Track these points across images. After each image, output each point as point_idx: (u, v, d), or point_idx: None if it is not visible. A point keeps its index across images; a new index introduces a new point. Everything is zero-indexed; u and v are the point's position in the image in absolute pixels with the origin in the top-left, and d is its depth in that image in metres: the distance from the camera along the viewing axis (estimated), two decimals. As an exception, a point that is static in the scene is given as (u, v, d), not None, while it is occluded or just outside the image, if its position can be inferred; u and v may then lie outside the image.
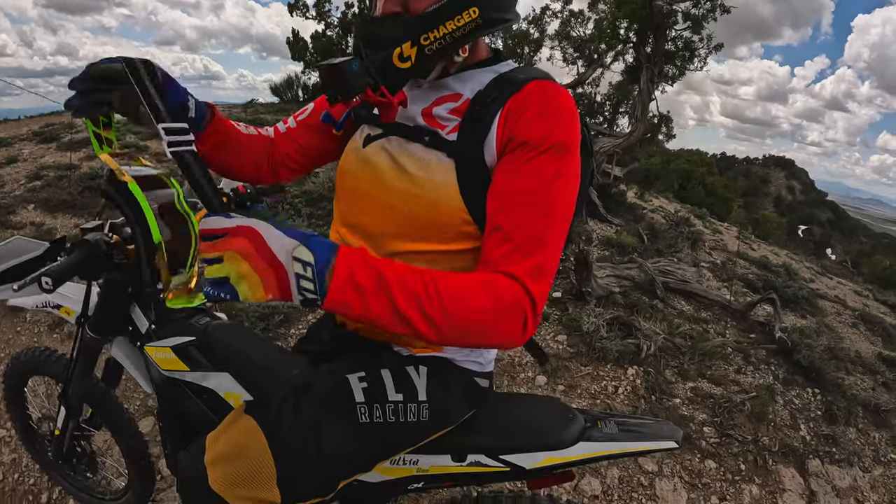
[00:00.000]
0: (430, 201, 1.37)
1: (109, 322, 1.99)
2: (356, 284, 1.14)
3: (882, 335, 6.49)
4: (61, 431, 2.45)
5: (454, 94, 1.44)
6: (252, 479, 1.49)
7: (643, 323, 4.73)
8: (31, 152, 10.22)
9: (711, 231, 9.66)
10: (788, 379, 4.65)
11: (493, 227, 1.31)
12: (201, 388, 1.87)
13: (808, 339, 5.02)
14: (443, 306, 1.18)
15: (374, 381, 1.52)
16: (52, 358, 2.53)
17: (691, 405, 4.03)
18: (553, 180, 1.30)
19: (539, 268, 1.27)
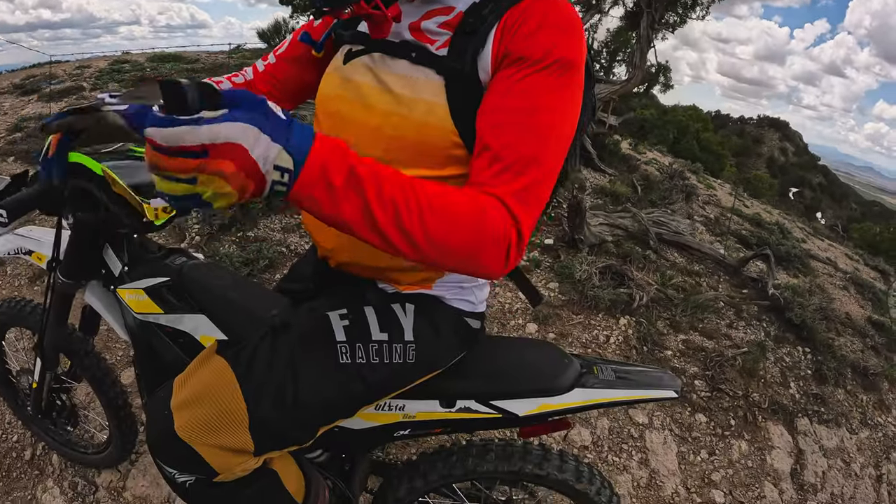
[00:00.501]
0: (416, 122, 1.24)
1: (81, 265, 1.88)
2: (328, 181, 0.97)
3: (871, 299, 6.49)
4: (39, 384, 2.37)
5: (446, 8, 1.28)
6: (222, 424, 1.37)
7: (636, 273, 4.67)
8: (11, 105, 10.09)
9: (705, 186, 9.62)
10: (780, 336, 4.62)
11: (483, 147, 1.16)
12: (176, 332, 1.76)
13: (801, 298, 4.99)
14: (422, 222, 1.04)
15: (356, 319, 1.42)
16: (27, 308, 2.44)
17: (683, 358, 3.99)
18: (551, 99, 1.16)
19: (527, 190, 1.13)
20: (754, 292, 5.18)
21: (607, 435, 3.23)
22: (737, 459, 3.36)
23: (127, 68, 12.73)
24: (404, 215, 1.02)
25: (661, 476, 3.13)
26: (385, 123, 1.27)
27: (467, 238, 1.07)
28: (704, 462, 3.29)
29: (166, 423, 1.40)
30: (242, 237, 4.80)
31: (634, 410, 3.39)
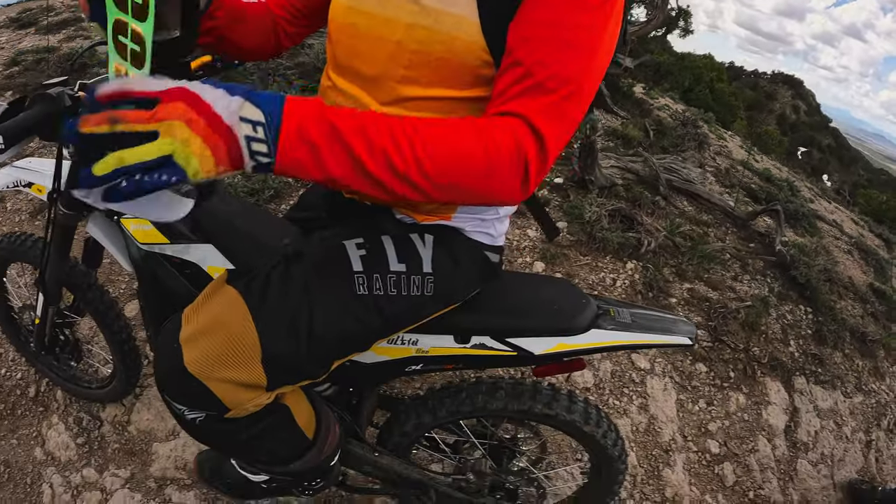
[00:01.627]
0: (444, 36, 1.16)
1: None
2: (307, 140, 0.95)
3: (874, 266, 6.49)
4: (41, 320, 2.38)
5: None
6: (232, 357, 1.33)
7: (645, 218, 4.65)
8: (7, 39, 9.85)
9: (717, 136, 9.52)
10: (783, 293, 4.62)
11: (513, 62, 1.10)
12: (183, 263, 1.74)
13: (806, 258, 4.98)
14: (416, 158, 1.00)
15: (373, 249, 1.38)
16: (27, 243, 2.43)
17: (687, 306, 4.01)
18: (591, 18, 1.09)
19: (558, 106, 1.08)
20: (761, 247, 5.17)
21: (609, 378, 3.26)
22: (733, 412, 3.40)
23: None
24: (396, 160, 0.99)
25: (659, 422, 3.16)
26: (408, 37, 1.19)
27: (474, 162, 1.03)
28: (702, 411, 3.33)
29: (175, 357, 1.37)
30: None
31: (637, 355, 3.42)
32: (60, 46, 8.47)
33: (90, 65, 6.01)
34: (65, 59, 7.65)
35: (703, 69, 16.93)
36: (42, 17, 11.21)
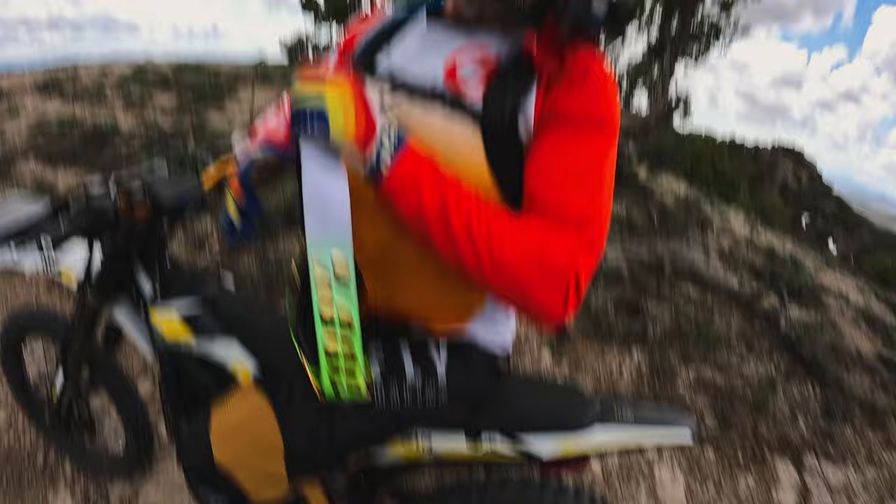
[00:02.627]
0: (453, 170, 1.24)
1: (112, 284, 1.95)
2: (416, 171, 1.14)
3: (882, 334, 6.49)
4: (59, 394, 2.44)
5: (481, 48, 1.32)
6: (258, 453, 1.47)
7: (650, 305, 4.73)
8: (33, 104, 10.10)
9: (720, 215, 9.62)
10: (790, 371, 4.66)
11: (541, 207, 1.21)
12: (206, 355, 1.83)
13: (812, 334, 5.03)
14: (489, 233, 1.14)
15: (392, 359, 1.47)
16: (50, 318, 2.50)
17: (694, 391, 4.05)
18: (602, 157, 1.22)
19: (591, 243, 1.19)
20: (766, 326, 5.23)
21: (617, 464, 3.29)
22: (743, 494, 3.41)
23: (149, 76, 12.82)
24: (475, 224, 1.13)
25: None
26: None
27: (529, 268, 1.14)
28: (711, 495, 3.34)
29: (205, 449, 1.51)
30: (262, 255, 4.87)
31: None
32: (84, 118, 8.62)
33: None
34: (88, 130, 7.79)
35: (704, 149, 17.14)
36: (67, 84, 11.47)
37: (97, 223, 1.75)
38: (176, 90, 11.02)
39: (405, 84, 1.35)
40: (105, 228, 1.81)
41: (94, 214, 1.73)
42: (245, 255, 4.85)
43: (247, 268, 4.67)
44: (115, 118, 8.80)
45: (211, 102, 10.10)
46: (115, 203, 1.76)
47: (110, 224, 1.77)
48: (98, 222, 1.75)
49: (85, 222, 1.71)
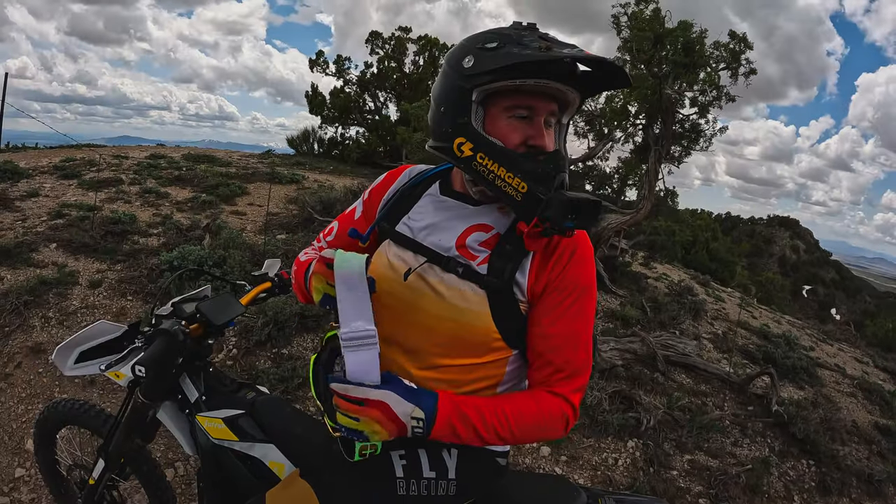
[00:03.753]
0: (466, 325, 1.59)
1: (161, 389, 2.19)
2: (451, 425, 1.50)
3: (879, 403, 6.55)
4: (97, 482, 2.57)
5: (484, 225, 1.65)
6: None
7: (644, 397, 4.87)
8: (52, 187, 10.13)
9: (714, 299, 9.76)
10: (784, 451, 4.75)
11: (546, 363, 1.60)
12: (246, 456, 2.06)
13: (805, 411, 5.14)
14: (511, 428, 1.52)
15: (412, 459, 1.73)
16: (91, 412, 2.66)
17: (688, 477, 4.16)
18: (586, 317, 1.62)
19: (582, 387, 1.63)
20: (759, 409, 5.33)
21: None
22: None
23: (163, 164, 12.94)
24: (500, 429, 1.52)
25: None
26: (439, 326, 1.61)
27: (539, 429, 1.58)
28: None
29: None
30: (277, 354, 5.04)
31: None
32: (103, 207, 8.76)
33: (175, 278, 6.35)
34: (108, 221, 7.89)
35: (696, 231, 17.33)
36: (84, 169, 11.47)
37: (174, 352, 2.08)
38: (190, 184, 11.27)
39: (427, 250, 1.67)
40: (179, 356, 2.12)
41: (171, 345, 2.06)
42: (261, 356, 5.03)
43: (262, 364, 4.88)
44: (132, 209, 8.98)
45: (225, 198, 10.34)
46: (185, 334, 2.11)
47: (176, 342, 2.07)
48: (175, 352, 2.09)
49: (166, 353, 2.05)
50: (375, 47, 23.02)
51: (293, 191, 11.48)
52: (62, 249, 7.04)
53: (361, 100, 23.51)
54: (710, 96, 9.56)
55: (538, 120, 1.55)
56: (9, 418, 4.26)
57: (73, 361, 2.31)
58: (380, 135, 22.36)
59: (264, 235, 8.07)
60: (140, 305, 5.81)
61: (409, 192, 1.83)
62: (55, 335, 5.14)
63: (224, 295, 2.38)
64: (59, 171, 11.48)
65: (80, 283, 6.17)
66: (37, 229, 7.68)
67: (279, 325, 5.25)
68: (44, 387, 4.54)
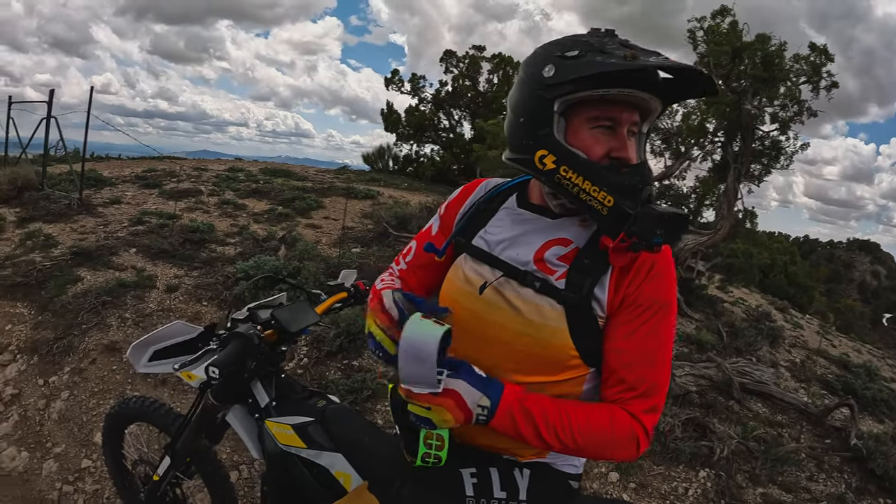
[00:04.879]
0: (543, 341, 1.53)
1: (232, 392, 2.20)
2: (511, 417, 1.44)
3: (967, 435, 6.22)
4: (161, 478, 2.60)
5: (563, 239, 1.58)
6: None
7: (718, 425, 4.70)
8: (133, 195, 10.60)
9: (792, 325, 9.45)
10: (861, 488, 4.51)
11: (619, 380, 1.52)
12: (313, 463, 2.04)
13: (885, 447, 4.88)
14: (573, 434, 1.45)
15: (483, 478, 1.68)
16: (160, 410, 2.70)
17: (761, 512, 3.97)
18: (663, 336, 1.54)
19: (655, 407, 1.53)
20: (837, 442, 5.08)
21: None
22: None
23: (241, 177, 13.32)
24: (561, 433, 1.45)
25: None
26: (515, 341, 1.56)
27: (605, 444, 1.49)
28: None
29: None
30: (347, 365, 5.06)
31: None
32: (182, 216, 9.05)
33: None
34: (186, 229, 8.12)
35: (774, 254, 16.81)
36: (165, 180, 11.89)
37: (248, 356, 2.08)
38: (267, 197, 11.55)
39: (504, 264, 1.63)
40: (253, 359, 2.11)
41: (246, 349, 2.07)
42: (332, 366, 5.07)
43: (332, 374, 4.91)
44: (210, 219, 9.26)
45: (300, 211, 10.57)
46: (260, 338, 2.11)
47: (250, 346, 2.08)
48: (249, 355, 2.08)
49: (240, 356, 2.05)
50: (450, 66, 23.19)
51: (368, 206, 11.61)
52: (141, 254, 7.32)
53: (436, 118, 23.71)
54: (790, 112, 9.22)
55: (621, 131, 1.49)
56: (80, 411, 4.43)
57: (146, 359, 2.35)
58: (454, 152, 22.49)
59: (339, 248, 8.14)
60: (215, 311, 5.97)
61: (486, 205, 1.79)
62: (130, 335, 5.33)
63: (299, 303, 2.39)
64: (141, 180, 11.95)
65: (158, 286, 6.39)
66: (118, 234, 8.04)
67: (351, 336, 5.28)
68: (116, 383, 4.70)
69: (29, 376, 5.00)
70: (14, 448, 4.17)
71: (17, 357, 5.26)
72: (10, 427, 4.41)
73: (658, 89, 1.48)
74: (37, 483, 3.84)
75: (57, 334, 5.42)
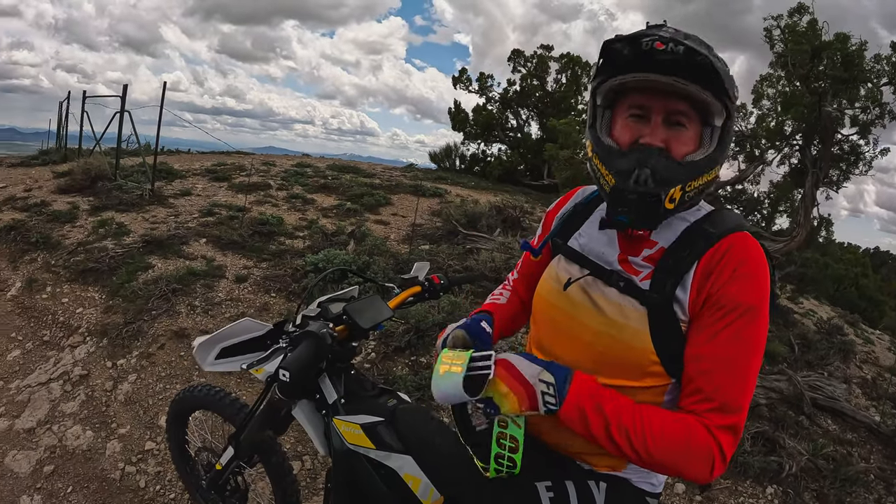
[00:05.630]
0: (623, 343, 1.50)
1: (299, 388, 2.13)
2: (581, 409, 1.39)
3: None
4: (224, 468, 2.62)
5: (651, 241, 1.56)
6: None
7: (788, 441, 4.61)
8: (203, 188, 10.89)
9: (863, 340, 9.17)
10: (932, 515, 4.38)
11: (695, 389, 1.42)
12: (380, 464, 2.00)
13: (956, 472, 4.74)
14: (646, 440, 1.37)
15: (559, 492, 1.66)
16: (226, 399, 2.70)
17: (828, 534, 3.89)
18: (747, 343, 1.41)
19: (734, 427, 1.39)
20: (908, 464, 4.96)
21: None
22: None
23: (309, 172, 13.52)
24: (633, 437, 1.37)
25: None
26: (596, 341, 1.55)
27: (678, 459, 1.38)
28: None
29: None
30: (415, 362, 5.06)
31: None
32: (251, 209, 9.20)
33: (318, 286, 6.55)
34: (256, 222, 8.24)
35: (846, 265, 16.31)
36: (234, 174, 12.17)
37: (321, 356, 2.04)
38: (335, 192, 11.68)
39: (591, 263, 1.63)
40: (325, 358, 2.09)
41: (318, 348, 2.02)
42: (399, 362, 5.09)
43: (400, 370, 4.94)
44: (279, 212, 9.39)
45: (369, 207, 10.66)
46: (333, 338, 2.06)
47: (323, 346, 2.03)
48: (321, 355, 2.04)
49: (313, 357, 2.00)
50: (518, 65, 23.09)
51: (436, 204, 11.63)
52: (211, 244, 7.49)
53: (503, 117, 23.64)
54: (872, 114, 8.87)
55: (655, 119, 1.47)
56: (146, 394, 4.55)
57: (213, 357, 2.30)
58: (521, 152, 22.33)
59: (409, 244, 8.19)
60: (283, 303, 6.05)
61: (583, 208, 1.80)
62: (199, 322, 5.45)
63: (372, 297, 2.33)
64: (211, 173, 12.19)
65: (227, 276, 6.53)
66: (188, 224, 8.25)
67: (420, 333, 5.27)
68: (183, 369, 4.82)
69: (97, 358, 5.17)
70: (79, 427, 4.30)
71: (86, 339, 5.47)
72: (77, 406, 4.55)
73: (693, 74, 1.38)
74: (99, 462, 3.95)
75: (127, 319, 5.60)
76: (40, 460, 3.95)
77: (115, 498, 3.60)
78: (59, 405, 4.55)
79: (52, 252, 7.31)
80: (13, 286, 6.63)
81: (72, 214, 8.71)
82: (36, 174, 12.47)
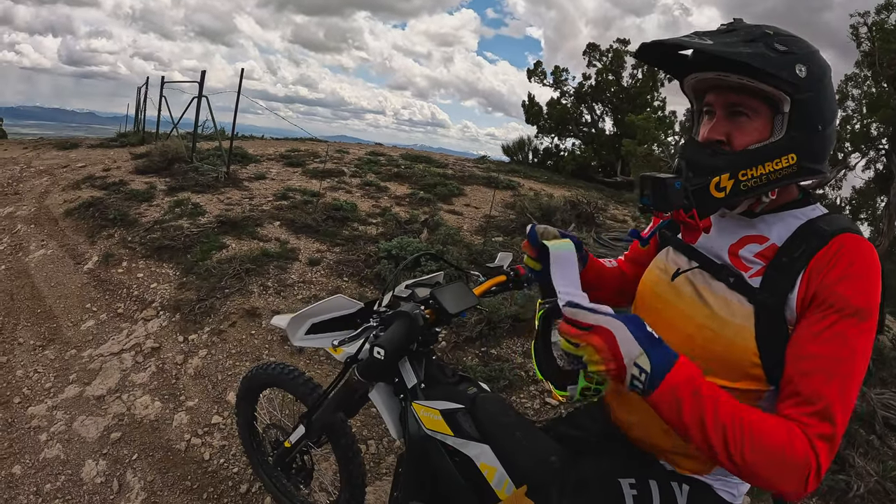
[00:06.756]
0: (725, 339, 1.43)
1: (380, 371, 2.09)
2: (676, 397, 1.25)
3: None
4: (293, 445, 2.60)
5: (760, 236, 1.49)
6: None
7: (857, 460, 4.36)
8: (278, 172, 11.05)
9: (944, 360, 8.69)
10: None
11: (793, 391, 1.31)
12: (457, 452, 1.94)
13: None
14: (743, 443, 1.23)
15: (642, 491, 1.60)
16: (299, 379, 2.69)
17: (893, 557, 3.66)
18: (853, 347, 1.29)
19: (831, 437, 1.27)
20: None
21: None
22: None
23: (382, 161, 13.62)
24: (730, 437, 1.24)
25: None
26: (698, 334, 1.49)
27: (774, 466, 1.24)
28: None
29: None
30: (485, 353, 4.96)
31: None
32: (325, 194, 9.28)
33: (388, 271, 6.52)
34: (330, 207, 8.29)
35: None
36: (308, 160, 12.39)
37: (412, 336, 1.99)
38: (408, 181, 11.70)
39: (700, 255, 1.58)
40: (416, 340, 2.04)
41: (411, 329, 1.97)
42: (470, 352, 5.00)
43: (470, 360, 4.86)
44: (352, 199, 9.43)
45: (442, 197, 10.62)
46: (425, 319, 2.01)
47: (416, 326, 1.98)
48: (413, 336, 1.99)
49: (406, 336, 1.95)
50: (593, 59, 22.63)
51: (509, 196, 11.55)
52: (285, 227, 7.55)
53: (578, 112, 23.19)
54: None
55: (719, 113, 1.49)
56: (216, 370, 4.58)
57: (304, 332, 2.26)
58: (594, 148, 21.89)
59: (483, 235, 8.11)
60: (355, 287, 6.05)
61: None
62: (271, 303, 5.50)
63: (458, 284, 2.26)
64: (285, 159, 12.40)
65: (300, 259, 6.57)
66: (262, 207, 8.38)
67: (492, 324, 5.18)
68: (254, 347, 4.84)
69: (169, 332, 5.25)
70: (148, 397, 4.36)
71: (159, 313, 5.56)
72: (147, 377, 4.62)
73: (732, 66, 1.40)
74: (166, 432, 3.98)
75: (200, 296, 5.69)
76: (108, 427, 4.00)
77: (179, 468, 3.62)
78: (130, 375, 4.63)
79: (128, 229, 7.49)
80: (90, 260, 6.79)
81: (149, 194, 8.93)
82: (114, 155, 12.97)
